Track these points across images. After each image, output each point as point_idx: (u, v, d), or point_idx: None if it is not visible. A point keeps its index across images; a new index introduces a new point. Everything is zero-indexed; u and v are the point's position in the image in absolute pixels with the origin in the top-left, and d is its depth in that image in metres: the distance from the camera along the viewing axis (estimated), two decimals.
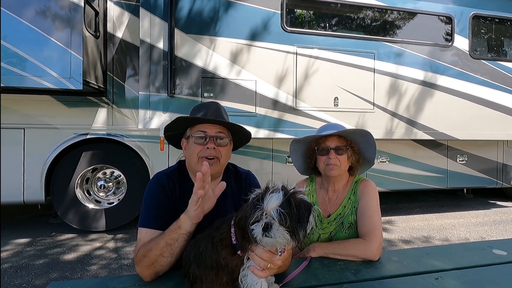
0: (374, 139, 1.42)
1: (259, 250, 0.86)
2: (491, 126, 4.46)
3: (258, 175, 1.37)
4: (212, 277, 0.88)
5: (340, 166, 1.38)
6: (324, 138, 1.41)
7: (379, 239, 1.22)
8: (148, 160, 3.92)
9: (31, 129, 3.66)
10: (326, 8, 4.20)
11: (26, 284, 2.65)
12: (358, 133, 1.42)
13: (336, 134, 1.39)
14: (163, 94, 3.45)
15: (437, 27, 4.38)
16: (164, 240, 0.99)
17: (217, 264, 0.88)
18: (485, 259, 1.21)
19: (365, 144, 1.43)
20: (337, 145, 1.38)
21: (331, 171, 1.38)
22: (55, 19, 3.17)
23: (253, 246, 0.86)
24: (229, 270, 0.88)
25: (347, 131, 1.40)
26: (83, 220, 3.80)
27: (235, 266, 0.88)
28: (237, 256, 0.88)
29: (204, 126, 1.21)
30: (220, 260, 0.88)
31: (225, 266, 0.88)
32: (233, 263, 0.88)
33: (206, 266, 0.88)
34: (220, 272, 0.88)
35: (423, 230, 4.10)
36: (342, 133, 1.39)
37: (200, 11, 3.55)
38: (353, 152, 1.42)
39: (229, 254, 0.88)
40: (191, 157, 1.22)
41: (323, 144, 1.41)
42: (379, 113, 4.06)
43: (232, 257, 0.88)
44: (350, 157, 1.41)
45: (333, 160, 1.37)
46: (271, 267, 0.88)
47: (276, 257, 0.87)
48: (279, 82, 3.75)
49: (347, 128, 1.43)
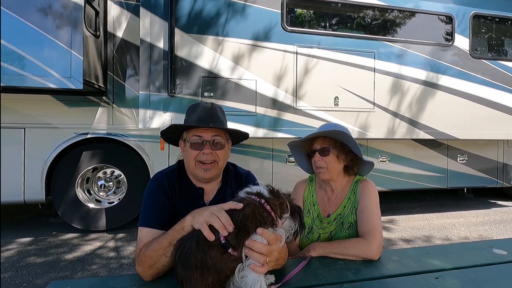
0: (351, 136, 1.37)
1: (258, 244, 0.86)
2: (491, 125, 4.46)
3: (258, 175, 1.37)
4: (196, 277, 0.85)
5: (327, 168, 1.36)
6: (311, 141, 1.41)
7: (379, 238, 1.22)
8: (149, 159, 3.93)
9: (31, 128, 3.66)
10: (327, 8, 4.20)
11: (27, 283, 2.65)
12: (333, 133, 1.38)
13: (317, 136, 1.38)
14: (163, 93, 3.45)
15: (438, 27, 4.38)
16: (167, 240, 0.97)
17: (202, 264, 0.85)
18: (485, 259, 1.21)
19: (349, 142, 1.39)
20: (322, 147, 1.38)
21: (319, 175, 1.39)
22: (55, 19, 3.17)
23: (250, 242, 0.86)
24: (216, 270, 0.86)
25: (322, 132, 1.37)
26: (83, 220, 3.81)
27: (225, 265, 0.86)
28: (228, 255, 0.86)
29: (199, 131, 1.20)
30: (207, 259, 0.85)
31: (211, 266, 0.85)
32: (222, 262, 0.86)
33: (190, 266, 0.85)
34: (205, 273, 0.85)
35: (423, 229, 4.10)
36: (317, 134, 1.37)
37: (200, 10, 3.55)
38: (341, 152, 1.38)
39: (218, 253, 0.86)
40: (188, 161, 1.22)
41: (310, 146, 1.42)
42: (379, 112, 4.06)
43: (222, 256, 0.86)
44: (340, 157, 1.38)
45: (318, 162, 1.37)
46: (269, 260, 0.89)
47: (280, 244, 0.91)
48: (279, 82, 3.75)
49: (335, 129, 1.38)
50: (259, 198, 0.94)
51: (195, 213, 0.96)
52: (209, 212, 0.91)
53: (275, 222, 0.92)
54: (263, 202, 0.92)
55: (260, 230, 0.87)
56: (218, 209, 0.92)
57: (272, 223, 0.91)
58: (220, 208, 0.92)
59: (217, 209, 0.92)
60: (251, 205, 0.91)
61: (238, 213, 0.89)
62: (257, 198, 0.94)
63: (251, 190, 0.97)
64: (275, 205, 0.93)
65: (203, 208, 0.98)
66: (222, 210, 0.91)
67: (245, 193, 0.97)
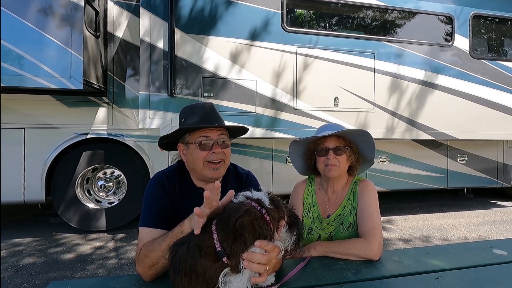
0: (373, 138, 1.41)
1: (257, 256, 0.84)
2: (491, 126, 4.46)
3: (258, 175, 1.37)
4: (184, 283, 0.83)
5: (339, 166, 1.37)
6: (322, 139, 1.40)
7: (380, 238, 1.22)
8: (148, 159, 3.92)
9: (31, 129, 3.66)
10: (326, 8, 4.20)
11: (27, 283, 2.65)
12: (356, 133, 1.41)
13: (334, 135, 1.38)
14: (163, 94, 3.45)
15: (438, 27, 4.38)
16: (166, 242, 0.97)
17: (191, 271, 0.82)
18: (485, 259, 1.21)
19: (364, 143, 1.43)
20: (336, 146, 1.38)
21: (330, 172, 1.37)
22: (55, 19, 3.17)
23: (249, 254, 0.83)
24: (205, 279, 0.83)
25: (345, 132, 1.39)
26: (83, 220, 3.80)
27: (214, 274, 0.83)
28: (220, 263, 0.83)
29: (205, 131, 1.20)
30: (197, 267, 0.82)
31: (200, 274, 0.82)
32: (213, 271, 0.83)
33: (179, 271, 0.83)
34: (193, 280, 0.82)
35: (423, 229, 4.10)
36: (340, 134, 1.39)
37: (200, 10, 3.55)
38: (352, 152, 1.41)
39: (209, 261, 0.83)
40: (195, 162, 1.20)
41: (321, 145, 1.40)
42: (379, 113, 4.06)
43: (213, 265, 0.83)
44: (350, 157, 1.41)
45: (332, 160, 1.36)
46: (268, 268, 0.88)
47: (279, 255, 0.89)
48: (279, 82, 3.75)
49: (346, 128, 1.43)
50: (260, 207, 0.89)
51: (193, 215, 0.95)
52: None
53: (272, 235, 0.88)
54: (264, 212, 0.88)
55: (258, 243, 0.84)
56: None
57: (270, 235, 0.88)
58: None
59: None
60: (250, 213, 0.86)
61: (235, 217, 0.84)
62: (258, 206, 0.89)
63: (251, 196, 0.93)
64: (274, 218, 0.89)
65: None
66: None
67: (245, 197, 0.92)
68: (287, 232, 0.93)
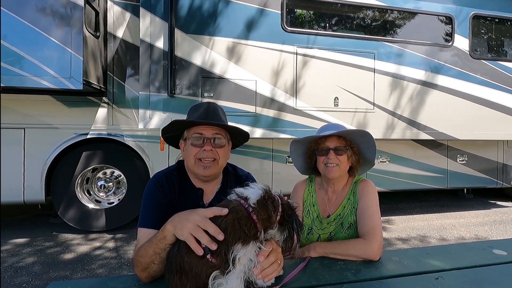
0: (374, 139, 1.41)
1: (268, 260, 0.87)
2: (491, 126, 4.46)
3: (258, 175, 1.37)
4: (176, 282, 0.83)
5: (339, 166, 1.37)
6: (323, 139, 1.40)
7: (380, 239, 1.22)
8: (148, 160, 3.92)
9: (31, 129, 3.66)
10: (326, 8, 4.19)
11: (26, 284, 2.65)
12: (357, 133, 1.42)
13: (335, 135, 1.39)
14: (163, 94, 3.45)
15: (437, 27, 4.38)
16: (152, 249, 0.94)
17: (181, 269, 0.83)
18: (485, 259, 1.21)
19: (365, 144, 1.43)
20: (337, 146, 1.38)
21: (330, 173, 1.37)
22: (55, 19, 3.17)
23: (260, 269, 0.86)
24: (193, 275, 0.83)
25: (346, 132, 1.40)
26: (83, 220, 3.80)
27: (200, 270, 0.83)
28: (205, 260, 0.83)
29: (200, 128, 1.20)
30: (185, 264, 0.83)
31: (188, 271, 0.83)
32: (199, 267, 0.83)
33: (172, 270, 0.85)
34: (184, 277, 0.83)
35: (423, 230, 4.10)
36: (341, 134, 1.39)
37: (200, 10, 3.55)
38: (353, 153, 1.41)
39: (194, 258, 0.83)
40: (188, 158, 1.21)
41: (322, 144, 1.40)
42: (379, 113, 4.06)
43: (198, 262, 0.83)
44: (350, 158, 1.41)
45: (332, 160, 1.36)
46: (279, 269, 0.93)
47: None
48: (279, 82, 3.75)
49: (347, 129, 1.43)
50: (248, 205, 0.86)
51: (176, 222, 0.91)
52: (193, 224, 0.85)
53: (258, 235, 0.85)
54: (250, 211, 0.85)
55: (261, 258, 0.86)
56: (203, 219, 0.86)
57: (256, 236, 0.84)
58: (204, 217, 0.86)
59: (201, 219, 0.86)
60: (233, 213, 0.84)
61: (221, 220, 0.84)
62: (246, 204, 0.87)
63: (242, 194, 0.90)
64: (261, 217, 0.85)
65: (184, 217, 0.91)
66: (207, 220, 0.85)
67: (235, 195, 0.91)
68: (278, 231, 0.91)
